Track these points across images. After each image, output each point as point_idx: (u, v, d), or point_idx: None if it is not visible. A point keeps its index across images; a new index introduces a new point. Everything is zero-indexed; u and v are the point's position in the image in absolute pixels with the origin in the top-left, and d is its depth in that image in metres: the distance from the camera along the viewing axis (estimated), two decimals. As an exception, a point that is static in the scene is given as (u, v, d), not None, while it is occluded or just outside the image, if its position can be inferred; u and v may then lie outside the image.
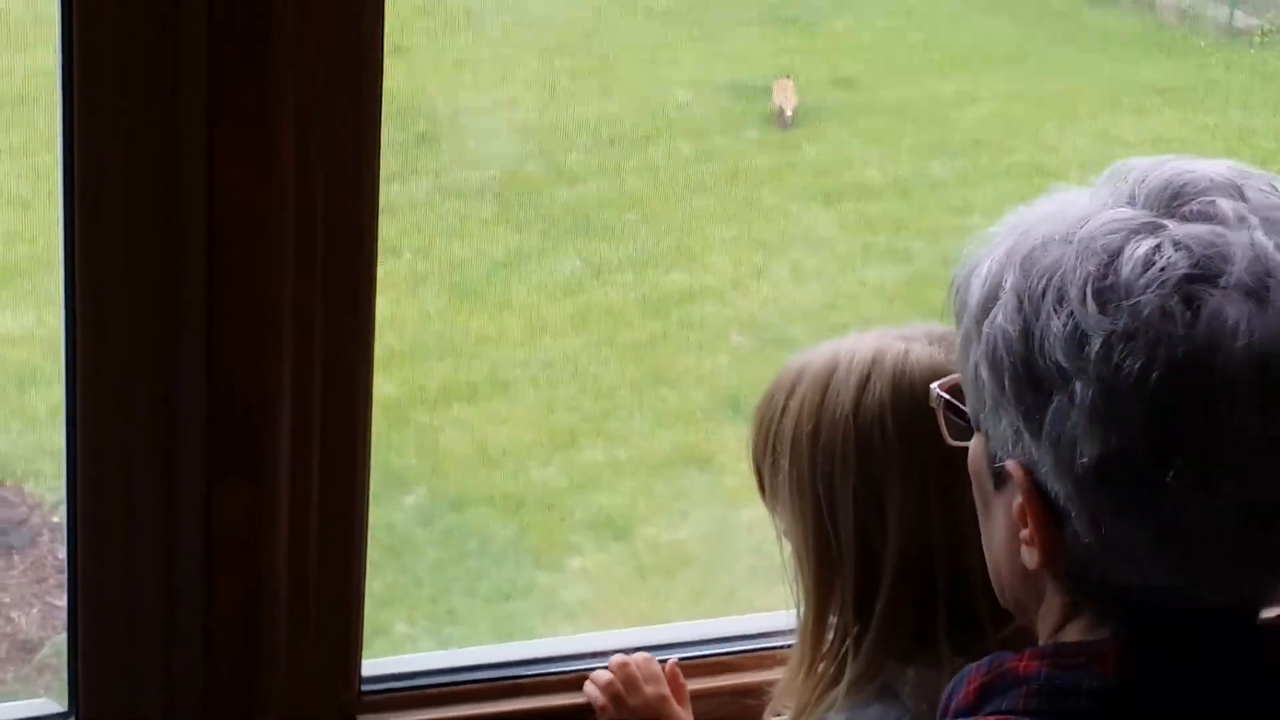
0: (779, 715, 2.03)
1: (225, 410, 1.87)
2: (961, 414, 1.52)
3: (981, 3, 13.41)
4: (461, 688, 2.17)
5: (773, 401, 1.92)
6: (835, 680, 1.91)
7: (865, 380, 1.86)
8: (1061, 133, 11.56)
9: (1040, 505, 1.37)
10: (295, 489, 1.93)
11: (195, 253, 1.81)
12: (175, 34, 1.76)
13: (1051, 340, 1.31)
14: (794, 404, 1.91)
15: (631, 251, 9.95)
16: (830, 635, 1.93)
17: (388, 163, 8.47)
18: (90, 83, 1.78)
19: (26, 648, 6.79)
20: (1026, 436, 1.36)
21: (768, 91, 11.79)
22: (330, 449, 1.93)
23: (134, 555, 1.91)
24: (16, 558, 7.36)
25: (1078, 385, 1.30)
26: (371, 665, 2.09)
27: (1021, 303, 1.35)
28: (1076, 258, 1.32)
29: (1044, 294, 1.33)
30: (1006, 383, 1.36)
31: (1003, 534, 1.45)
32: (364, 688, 2.06)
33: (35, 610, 6.92)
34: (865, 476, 1.86)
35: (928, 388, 1.73)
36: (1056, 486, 1.34)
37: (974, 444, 1.49)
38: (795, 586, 1.97)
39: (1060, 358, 1.30)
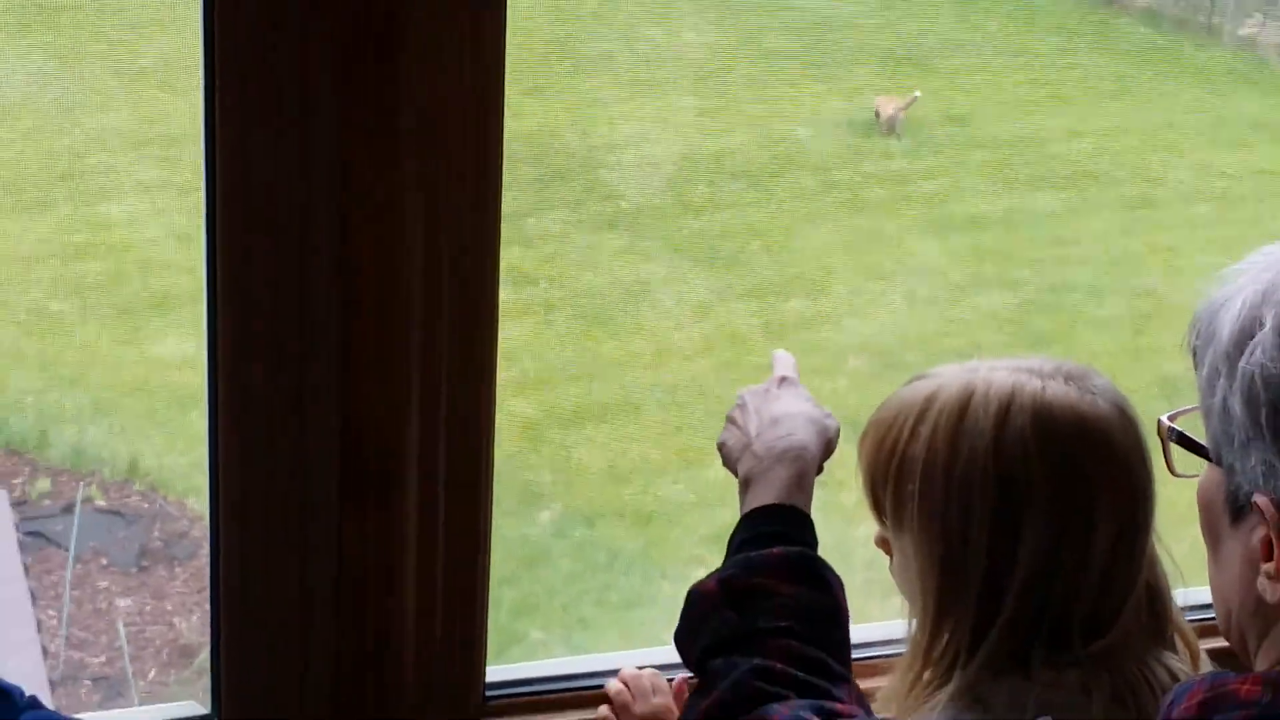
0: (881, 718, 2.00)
1: (356, 439, 1.89)
2: (1195, 447, 1.48)
3: (1086, 40, 13.30)
4: (583, 693, 2.18)
5: (897, 425, 1.88)
6: (938, 690, 1.90)
7: (1005, 412, 1.81)
8: (1165, 165, 11.47)
9: None
10: (423, 512, 1.95)
11: (329, 291, 1.83)
12: (307, 83, 1.79)
13: None
14: (924, 430, 1.87)
15: (754, 279, 9.94)
16: (941, 648, 1.90)
17: (524, 198, 8.64)
18: (230, 125, 1.81)
19: (186, 652, 6.87)
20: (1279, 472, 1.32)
21: (886, 129, 11.77)
22: (455, 477, 1.94)
23: (271, 572, 1.94)
24: (179, 568, 7.44)
25: None
26: (496, 671, 2.10)
27: (1271, 338, 1.31)
28: None
29: None
30: (1264, 418, 1.32)
31: (1238, 567, 1.40)
32: (488, 693, 2.07)
33: (195, 617, 6.99)
34: (1002, 509, 1.82)
35: (1069, 424, 1.71)
36: None
37: (1208, 476, 1.44)
38: (912, 600, 1.95)
39: None
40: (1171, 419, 1.49)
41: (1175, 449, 1.49)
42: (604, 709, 2.09)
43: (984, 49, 13.22)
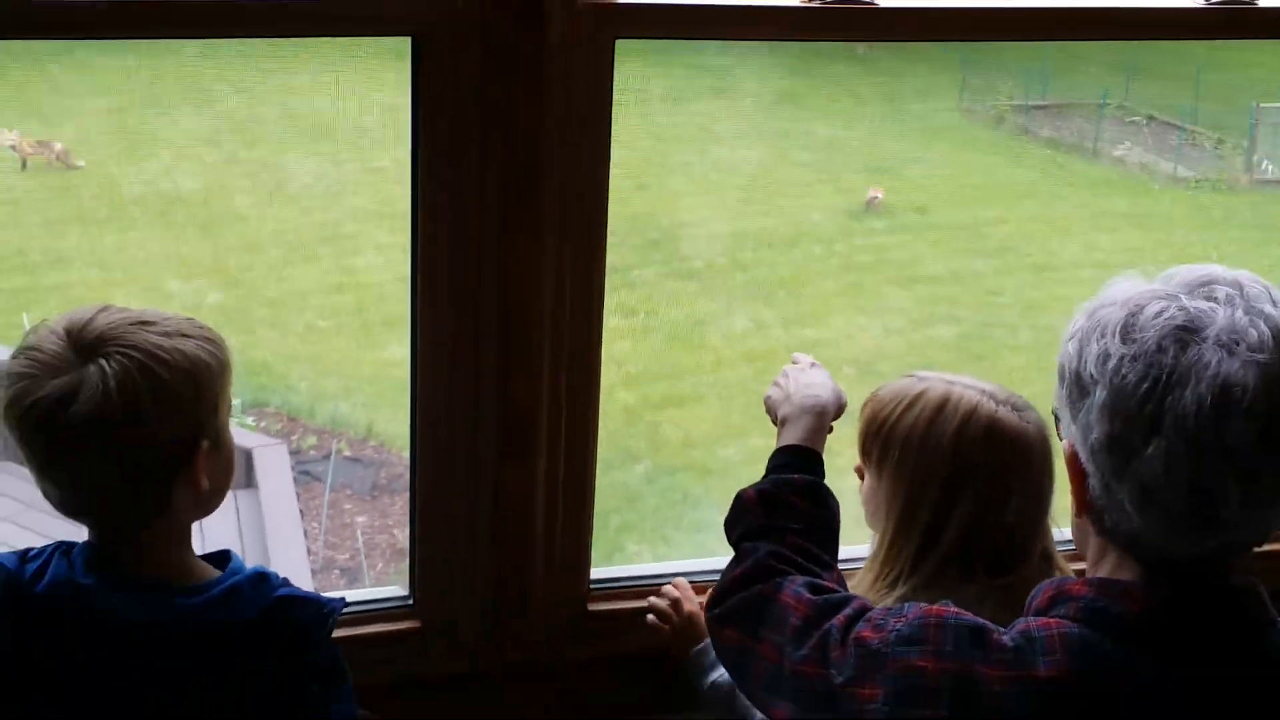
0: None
1: (507, 415, 1.86)
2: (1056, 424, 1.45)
3: (1007, 159, 13.23)
4: (655, 586, 2.07)
5: (893, 405, 1.83)
6: (889, 593, 1.85)
7: (968, 419, 1.78)
8: (1061, 243, 11.39)
9: (1076, 470, 1.30)
10: (549, 464, 1.92)
11: (491, 313, 1.81)
12: (485, 187, 1.77)
13: (1089, 359, 1.26)
14: (909, 416, 1.82)
15: (781, 314, 9.94)
16: (892, 564, 1.86)
17: (631, 257, 8.55)
18: (429, 210, 1.80)
19: (401, 554, 6.90)
20: (1072, 424, 1.29)
21: (868, 212, 11.86)
22: (572, 438, 1.91)
23: (451, 502, 1.91)
24: (397, 497, 7.46)
25: (1098, 389, 1.25)
26: (597, 571, 2.07)
27: (1080, 337, 1.29)
28: (1118, 311, 1.26)
29: (1094, 330, 1.27)
30: (1065, 388, 1.30)
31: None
32: (591, 585, 2.04)
33: (407, 530, 6.94)
34: (949, 481, 1.78)
35: (1007, 437, 1.71)
36: (1083, 455, 1.28)
37: (1065, 442, 1.37)
38: (873, 525, 1.90)
39: (1093, 369, 1.25)
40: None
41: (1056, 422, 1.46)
42: (661, 600, 2.04)
43: (937, 163, 13.17)
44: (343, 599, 1.56)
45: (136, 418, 1.40)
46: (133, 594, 1.47)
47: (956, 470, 1.77)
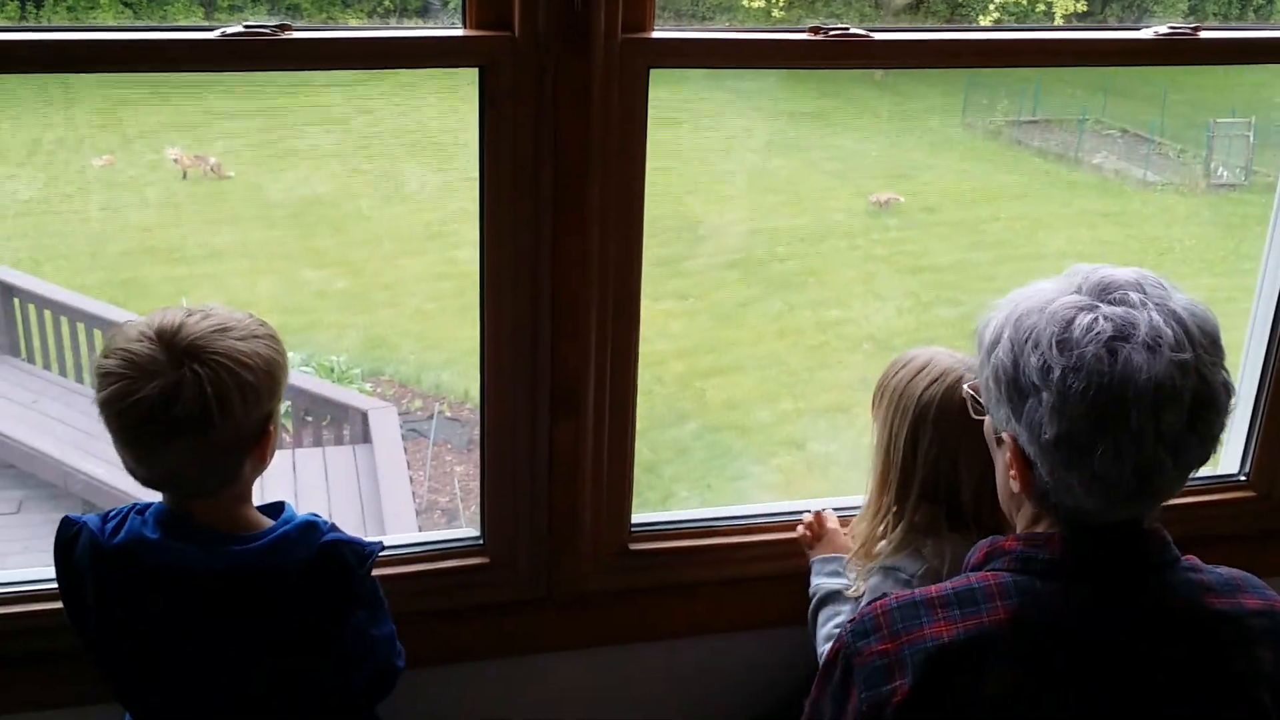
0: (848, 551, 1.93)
1: (559, 378, 1.84)
2: (978, 404, 1.43)
3: (1003, 166, 13.04)
4: (684, 530, 2.08)
5: (889, 372, 1.83)
6: (883, 535, 1.82)
7: (932, 383, 1.76)
8: (1047, 237, 11.24)
9: (1020, 458, 1.29)
10: (596, 421, 1.89)
11: (546, 298, 1.80)
12: (539, 198, 1.76)
13: (1029, 369, 1.24)
14: (895, 378, 1.81)
15: (809, 298, 9.87)
16: (882, 509, 1.83)
17: (683, 250, 8.46)
18: (494, 210, 1.78)
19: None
20: (1014, 420, 1.27)
21: (884, 211, 11.78)
22: (614, 402, 1.89)
23: (514, 455, 1.90)
24: (476, 452, 7.49)
25: (1044, 394, 1.23)
26: (637, 516, 2.05)
27: (1013, 346, 1.26)
28: (1046, 322, 1.25)
29: (1026, 341, 1.25)
30: (1002, 390, 1.28)
31: (1002, 472, 1.35)
32: (632, 528, 2.03)
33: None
34: (913, 430, 1.76)
35: (961, 399, 1.68)
36: (1030, 449, 1.27)
37: (986, 420, 1.38)
38: (868, 478, 1.88)
39: (1035, 378, 1.24)
40: (970, 388, 1.45)
41: (970, 403, 1.44)
42: (802, 528, 2.01)
43: (944, 170, 13.00)
44: (380, 542, 1.56)
45: (227, 414, 1.41)
46: (195, 545, 1.48)
47: (919, 417, 1.76)
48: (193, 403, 1.39)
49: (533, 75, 1.69)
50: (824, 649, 1.81)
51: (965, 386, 1.50)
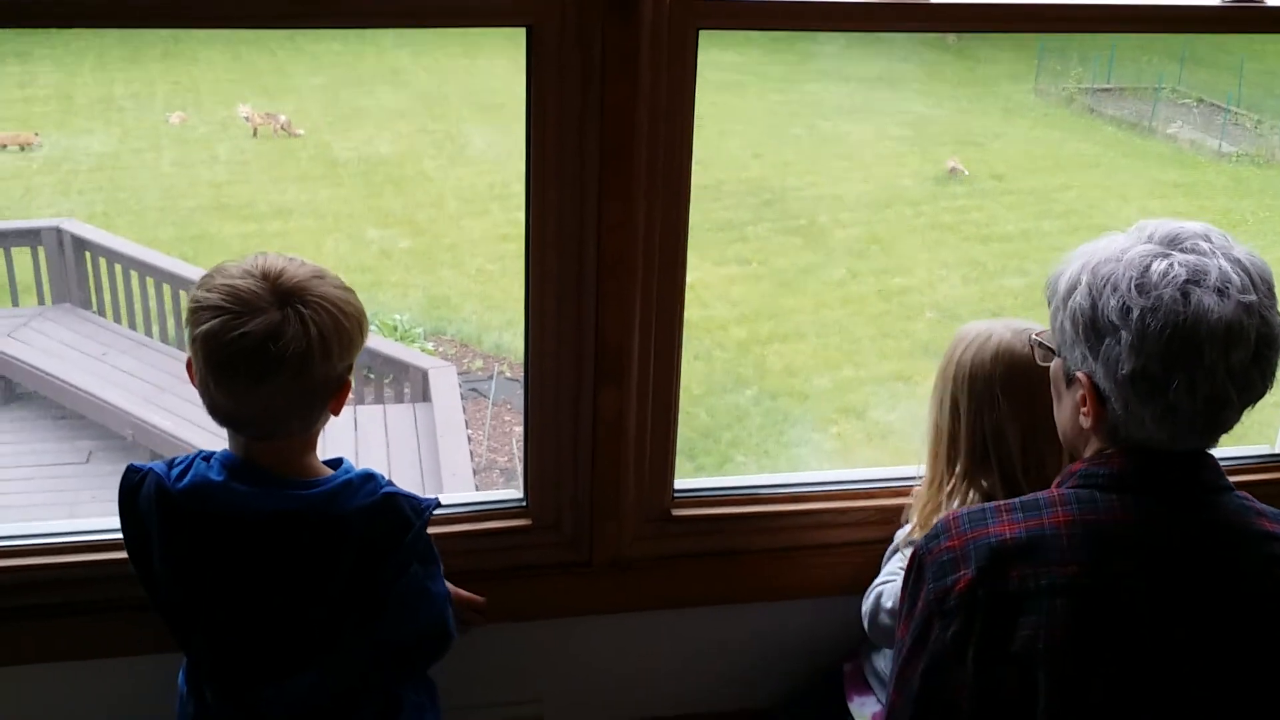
0: (909, 521, 1.92)
1: (603, 347, 1.83)
2: (1047, 350, 1.47)
3: (1076, 134, 12.78)
4: (727, 497, 2.05)
5: (952, 345, 1.84)
6: (940, 488, 1.82)
7: (980, 351, 1.77)
8: (1119, 206, 11.01)
9: (1095, 395, 1.36)
10: (639, 389, 1.89)
11: (590, 264, 1.78)
12: (582, 144, 1.74)
13: (1109, 310, 1.32)
14: (953, 351, 1.82)
15: (874, 265, 9.76)
16: (937, 463, 1.83)
17: (746, 215, 8.45)
18: (541, 180, 1.77)
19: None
20: (1090, 359, 1.35)
21: (951, 179, 11.59)
22: (659, 368, 1.87)
23: (559, 423, 1.90)
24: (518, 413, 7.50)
25: (1123, 333, 1.31)
26: (679, 482, 2.04)
27: (1090, 290, 1.34)
28: (1125, 269, 1.33)
29: (1104, 285, 1.33)
30: (1080, 331, 1.35)
31: (1070, 411, 1.42)
32: (674, 494, 2.02)
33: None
34: (953, 391, 1.77)
35: (1006, 363, 1.75)
36: (1105, 385, 1.34)
37: (1055, 364, 1.45)
38: (925, 447, 1.87)
39: (1114, 318, 1.31)
40: (1037, 335, 1.50)
41: (1038, 351, 1.50)
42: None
43: (1015, 137, 12.77)
44: (435, 499, 1.57)
45: (326, 357, 1.43)
46: (258, 489, 1.49)
47: (958, 382, 1.80)
48: (296, 341, 1.41)
49: (579, 36, 1.67)
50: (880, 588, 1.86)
51: (1032, 335, 1.57)
